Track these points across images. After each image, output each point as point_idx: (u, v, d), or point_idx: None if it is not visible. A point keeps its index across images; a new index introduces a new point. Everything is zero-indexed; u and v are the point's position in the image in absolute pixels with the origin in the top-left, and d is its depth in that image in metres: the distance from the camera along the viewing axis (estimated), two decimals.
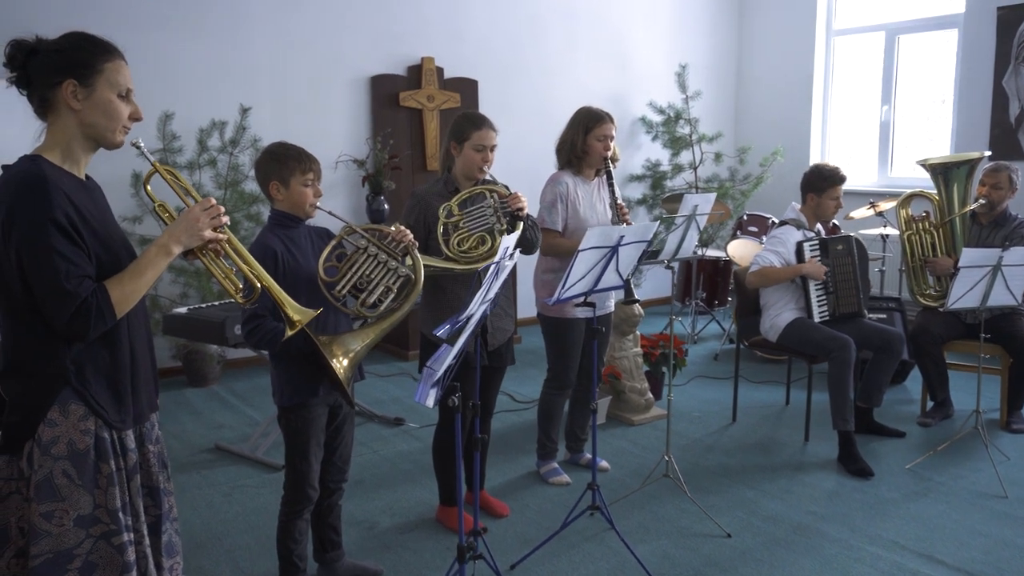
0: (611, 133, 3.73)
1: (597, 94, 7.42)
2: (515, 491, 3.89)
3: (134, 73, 1.94)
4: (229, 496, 3.85)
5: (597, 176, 3.87)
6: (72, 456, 1.82)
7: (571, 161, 3.79)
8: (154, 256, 1.88)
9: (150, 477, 2.00)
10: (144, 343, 2.01)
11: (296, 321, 2.17)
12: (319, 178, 2.74)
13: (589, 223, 3.72)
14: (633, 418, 4.77)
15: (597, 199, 3.83)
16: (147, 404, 2.00)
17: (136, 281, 1.84)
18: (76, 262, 1.76)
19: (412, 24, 6.48)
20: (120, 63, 1.89)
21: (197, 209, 1.92)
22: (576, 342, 3.81)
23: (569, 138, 3.77)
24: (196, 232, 1.90)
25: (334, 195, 6.24)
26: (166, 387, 5.46)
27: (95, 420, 1.85)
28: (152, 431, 2.03)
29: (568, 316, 3.70)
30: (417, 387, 2.07)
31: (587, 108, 3.79)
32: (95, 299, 1.76)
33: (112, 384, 1.88)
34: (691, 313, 6.75)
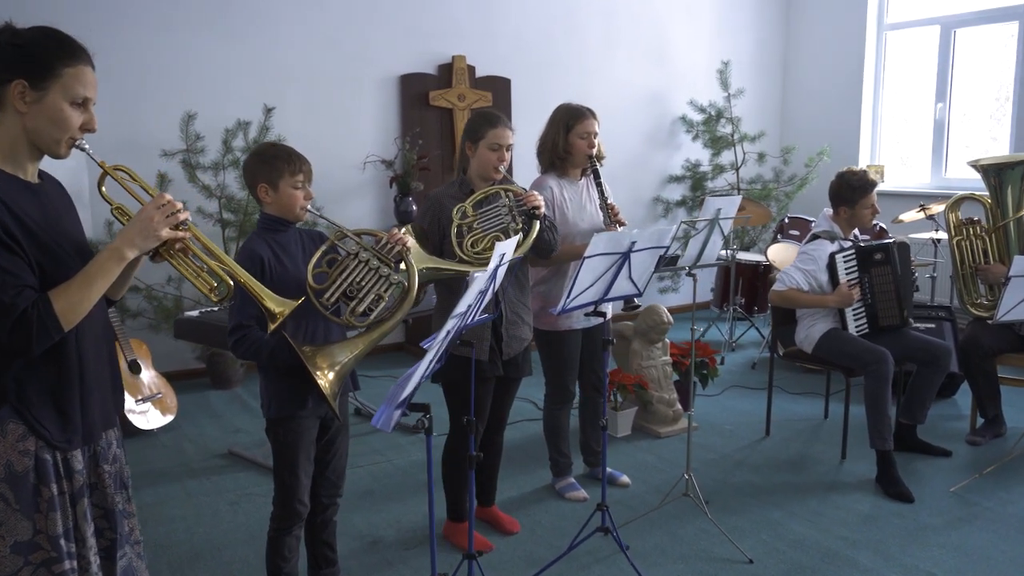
0: (594, 129, 3.53)
1: (635, 92, 7.23)
2: (528, 506, 3.73)
3: (158, 72, 1.81)
4: (235, 505, 3.76)
5: (584, 176, 3.67)
6: (9, 479, 1.69)
7: (554, 163, 3.60)
8: (105, 261, 1.72)
9: (105, 499, 1.86)
10: (100, 355, 1.87)
11: (277, 313, 2.03)
12: (310, 179, 2.62)
13: (579, 227, 3.54)
14: (660, 430, 4.56)
15: (587, 200, 3.63)
16: (100, 421, 1.86)
17: (85, 290, 1.69)
18: (12, 271, 1.63)
19: (443, 21, 6.36)
20: (83, 69, 1.74)
21: (150, 208, 1.76)
22: (572, 355, 3.64)
23: (550, 138, 3.58)
24: (151, 233, 1.74)
25: (361, 196, 6.16)
26: (189, 389, 5.42)
27: (36, 440, 1.72)
28: (109, 450, 1.89)
29: (562, 328, 3.54)
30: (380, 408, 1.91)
31: (566, 105, 3.60)
32: (36, 311, 1.62)
33: (57, 402, 1.74)
34: (729, 319, 6.49)
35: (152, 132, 5.23)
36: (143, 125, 5.25)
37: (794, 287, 4.06)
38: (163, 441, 4.58)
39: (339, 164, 5.97)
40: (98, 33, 5.13)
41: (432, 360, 1.97)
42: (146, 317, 5.44)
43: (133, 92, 5.25)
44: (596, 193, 3.55)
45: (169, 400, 4.78)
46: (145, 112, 5.28)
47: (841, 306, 4.02)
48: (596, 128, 3.53)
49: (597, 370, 3.78)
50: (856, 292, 4.00)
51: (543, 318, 3.53)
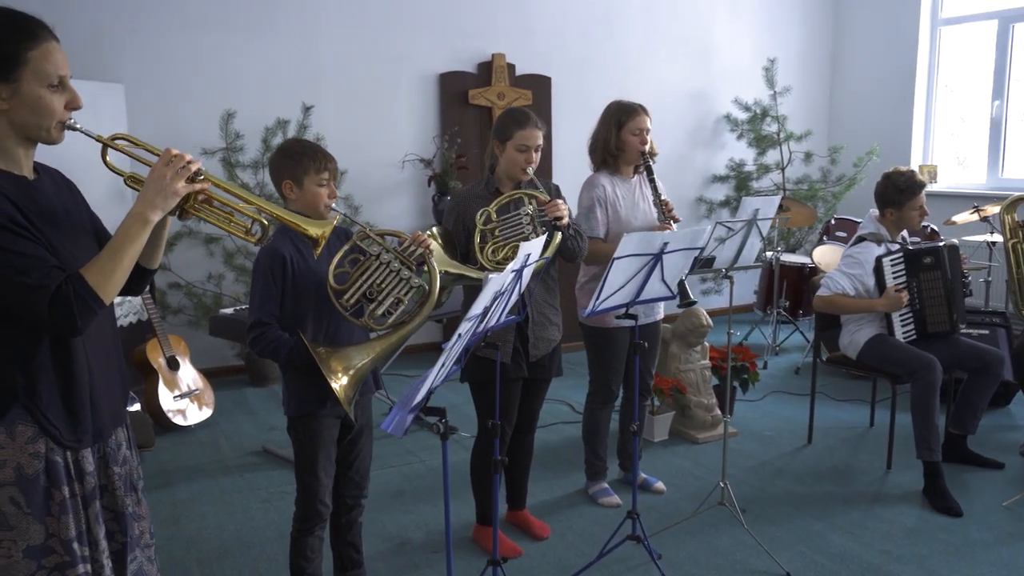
0: (646, 126, 3.46)
1: (677, 90, 7.10)
2: (560, 511, 3.66)
3: (196, 72, 1.76)
4: (266, 503, 3.76)
5: (636, 173, 3.59)
6: (20, 482, 1.65)
7: (606, 160, 3.53)
8: (129, 228, 1.66)
9: (115, 501, 1.83)
10: (108, 352, 1.84)
11: (317, 236, 1.99)
12: (335, 177, 2.59)
13: (633, 225, 3.46)
14: (698, 436, 4.45)
15: (639, 198, 3.56)
16: (110, 419, 1.82)
17: (116, 260, 1.64)
18: (34, 255, 1.58)
19: (482, 19, 6.31)
20: (48, 47, 1.64)
21: (160, 166, 1.70)
22: (618, 354, 3.56)
23: (602, 136, 3.52)
24: (169, 190, 1.68)
25: (399, 195, 6.14)
26: (228, 386, 5.46)
27: (46, 442, 1.67)
28: (118, 451, 1.86)
29: (610, 326, 3.46)
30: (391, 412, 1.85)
31: (618, 102, 3.54)
32: (70, 287, 1.58)
33: (67, 400, 1.70)
34: (772, 323, 6.33)
35: (192, 131, 5.28)
36: (184, 124, 5.31)
37: (839, 292, 3.93)
38: (200, 437, 4.61)
39: (377, 163, 5.96)
40: (140, 33, 5.21)
41: (444, 365, 1.91)
42: (186, 314, 5.49)
43: (174, 91, 5.31)
44: (649, 190, 3.48)
45: (206, 396, 4.82)
46: (185, 111, 5.33)
47: (889, 311, 3.87)
48: (648, 124, 3.46)
49: (642, 371, 3.70)
50: (904, 297, 3.85)
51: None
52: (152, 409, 4.52)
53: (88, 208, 1.86)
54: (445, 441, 1.95)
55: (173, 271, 5.41)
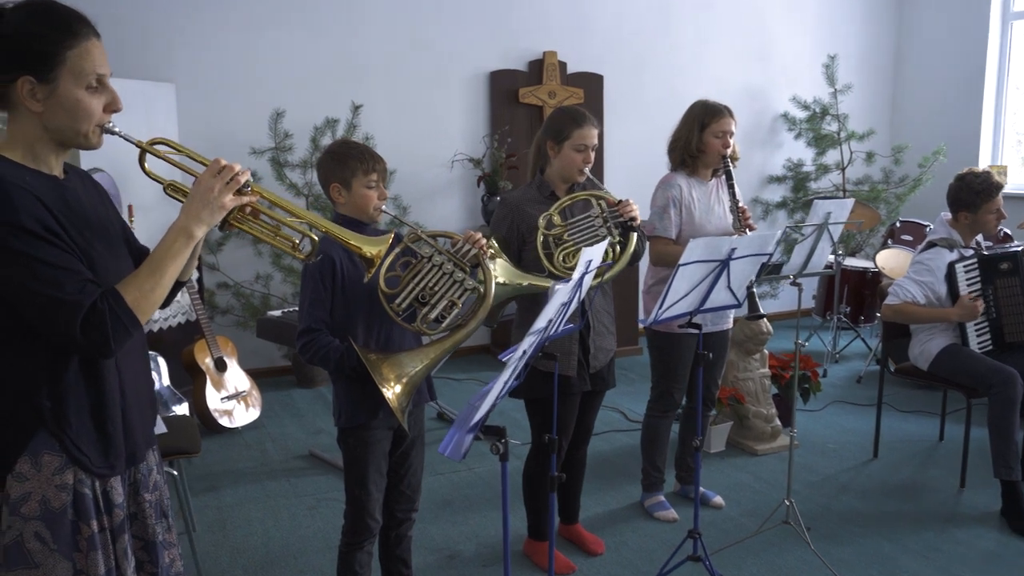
0: (730, 128, 3.31)
1: (734, 89, 6.88)
2: (614, 524, 3.53)
3: (246, 71, 1.65)
4: (313, 510, 3.69)
5: (714, 177, 3.44)
6: (46, 516, 1.53)
7: (685, 161, 3.39)
8: (172, 243, 1.55)
9: (145, 530, 1.71)
10: (139, 367, 1.71)
11: (373, 256, 1.87)
12: (384, 179, 2.49)
13: (706, 229, 3.32)
14: (757, 447, 4.27)
15: (715, 202, 3.41)
16: (143, 441, 1.70)
17: (156, 276, 1.53)
18: (68, 267, 1.46)
19: (534, 17, 6.19)
20: (87, 44, 1.51)
21: (207, 177, 1.57)
22: (684, 361, 3.42)
23: (683, 135, 3.38)
24: (215, 204, 1.56)
25: (449, 195, 6.06)
26: (275, 387, 5.42)
27: (73, 472, 1.55)
28: (149, 477, 1.73)
29: (676, 331, 3.31)
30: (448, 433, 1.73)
31: (703, 102, 3.39)
32: (106, 305, 1.47)
33: (99, 423, 1.58)
34: (833, 329, 6.10)
35: (241, 130, 5.25)
36: (233, 123, 5.28)
37: (909, 300, 3.73)
38: (246, 439, 4.56)
39: (427, 163, 5.88)
40: (192, 32, 5.19)
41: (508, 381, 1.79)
42: (234, 314, 5.47)
43: (224, 90, 5.28)
44: (726, 195, 3.33)
45: (253, 398, 4.78)
46: (235, 110, 5.31)
47: (964, 320, 3.66)
48: (733, 127, 3.32)
49: (707, 380, 3.55)
50: (980, 305, 3.63)
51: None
52: (199, 410, 4.48)
53: (118, 213, 1.75)
54: (504, 463, 1.82)
55: (222, 271, 5.39)
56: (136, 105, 4.40)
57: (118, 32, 4.59)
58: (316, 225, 1.77)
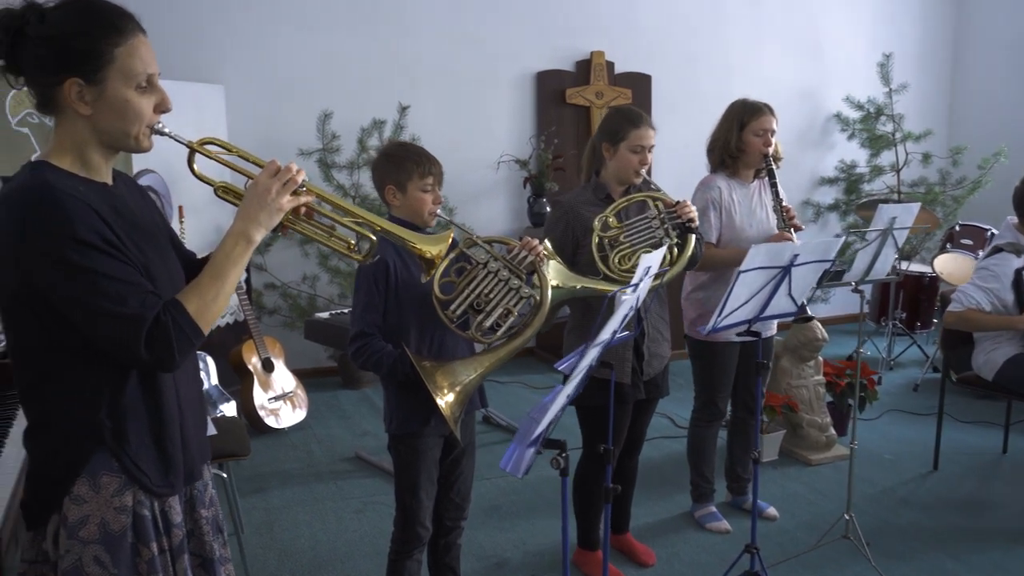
0: (771, 126, 3.21)
1: (785, 88, 6.73)
2: (665, 534, 3.45)
3: (295, 72, 1.59)
4: (360, 513, 3.67)
5: (756, 178, 3.35)
6: (105, 540, 1.47)
7: (725, 162, 3.30)
8: (231, 249, 1.49)
9: (203, 547, 1.66)
10: (192, 381, 1.67)
11: (433, 256, 1.83)
12: (440, 182, 2.45)
13: (747, 232, 3.23)
14: (811, 457, 4.16)
15: (757, 204, 3.31)
16: (199, 456, 1.66)
17: (217, 284, 1.47)
18: (128, 279, 1.41)
19: (582, 16, 6.12)
20: (135, 41, 1.44)
21: (264, 178, 1.51)
22: (728, 369, 3.34)
23: (722, 135, 3.29)
24: (274, 206, 1.50)
25: (495, 196, 6.02)
26: (321, 387, 5.43)
27: (133, 493, 1.50)
28: (205, 492, 1.69)
29: (719, 339, 3.23)
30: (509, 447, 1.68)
31: (742, 100, 3.31)
32: (169, 317, 1.41)
33: (158, 440, 1.53)
34: (887, 335, 5.93)
35: (290, 131, 5.26)
36: (281, 124, 5.30)
37: (974, 307, 3.59)
38: (292, 440, 4.57)
39: (473, 164, 5.84)
40: (239, 34, 5.22)
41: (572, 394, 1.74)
42: (281, 314, 5.49)
43: (272, 91, 5.31)
44: (768, 197, 3.24)
45: (300, 399, 4.78)
46: (283, 111, 5.32)
47: None
48: (774, 125, 3.22)
49: (752, 389, 3.46)
50: None
51: (699, 326, 3.25)
52: (247, 410, 4.50)
53: (164, 217, 1.71)
54: (565, 478, 1.77)
55: (269, 272, 5.42)
56: (186, 107, 4.41)
57: (167, 34, 4.62)
58: (373, 225, 1.72)
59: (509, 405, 4.97)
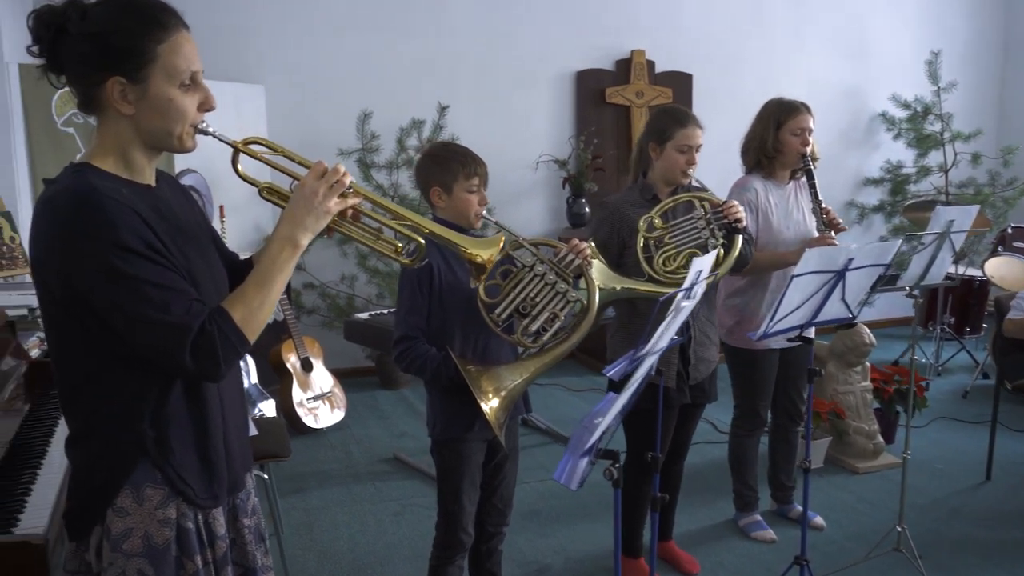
0: (808, 125, 3.13)
1: (829, 87, 6.61)
2: (708, 542, 3.38)
3: (334, 72, 1.53)
4: (399, 516, 3.65)
5: (792, 179, 3.26)
6: (149, 553, 1.43)
7: (761, 162, 3.22)
8: (278, 255, 1.44)
9: (245, 556, 1.62)
10: (235, 389, 1.62)
11: (484, 261, 1.78)
12: (485, 183, 2.42)
13: (784, 235, 3.16)
14: (858, 465, 4.06)
15: (793, 206, 3.23)
16: (241, 466, 1.61)
17: (264, 291, 1.42)
18: (173, 286, 1.36)
19: (622, 15, 6.06)
20: (178, 38, 1.39)
21: (310, 180, 1.46)
22: (769, 376, 3.27)
23: (758, 135, 3.21)
24: (321, 210, 1.45)
25: (533, 196, 5.98)
26: (358, 387, 5.42)
27: (177, 505, 1.46)
28: (247, 501, 1.65)
29: (759, 347, 3.16)
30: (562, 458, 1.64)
31: (778, 99, 3.23)
32: (214, 326, 1.37)
33: (202, 451, 1.49)
34: (935, 340, 5.79)
35: (330, 131, 5.27)
36: (321, 124, 5.31)
37: None
38: (331, 440, 4.57)
39: (511, 164, 5.80)
40: (279, 34, 5.24)
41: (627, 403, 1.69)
42: (319, 314, 5.50)
43: (312, 92, 5.32)
44: (806, 198, 3.17)
45: (338, 399, 4.78)
46: (323, 111, 5.33)
47: None
48: (811, 124, 3.14)
49: (793, 396, 3.39)
50: None
51: (737, 334, 3.18)
52: (286, 410, 4.51)
53: (206, 217, 1.66)
54: (618, 489, 1.72)
55: (308, 271, 5.42)
56: (227, 107, 4.44)
57: (209, 34, 4.60)
58: (421, 227, 1.66)
59: (548, 408, 4.92)
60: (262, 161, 1.54)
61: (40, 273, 1.39)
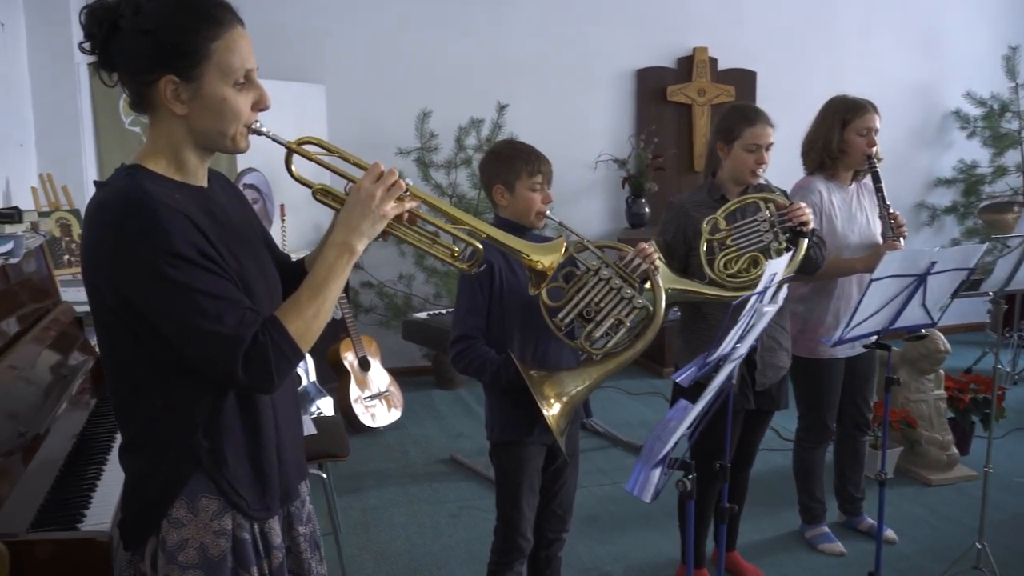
0: (875, 125, 3.01)
1: (898, 84, 6.39)
2: (774, 554, 3.28)
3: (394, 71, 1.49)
4: (456, 517, 3.62)
5: (855, 180, 3.14)
6: (205, 565, 1.40)
7: (824, 163, 3.10)
8: (334, 262, 1.39)
9: (300, 565, 1.58)
10: (289, 397, 1.58)
11: (546, 269, 1.74)
12: (549, 181, 2.37)
13: (848, 239, 3.04)
14: (930, 477, 3.90)
15: (857, 209, 3.11)
16: (295, 475, 1.58)
17: (318, 301, 1.37)
18: (226, 295, 1.32)
19: (684, 12, 5.95)
20: (233, 34, 1.34)
21: (366, 183, 1.41)
22: (835, 386, 3.16)
23: (821, 135, 3.09)
24: (377, 214, 1.40)
25: (592, 197, 5.91)
26: (415, 387, 5.41)
27: (232, 516, 1.42)
28: (302, 509, 1.61)
29: (823, 356, 3.05)
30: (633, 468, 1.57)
31: (842, 97, 3.11)
32: (268, 337, 1.32)
33: (255, 462, 1.45)
34: (1012, 347, 5.54)
35: (389, 130, 5.27)
36: (381, 124, 5.32)
37: None
38: (388, 440, 4.56)
39: (570, 163, 5.72)
40: (339, 34, 5.26)
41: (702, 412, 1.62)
42: (377, 313, 5.51)
43: (372, 91, 5.34)
44: (868, 200, 3.06)
45: (395, 398, 4.78)
46: (383, 111, 5.35)
47: None
48: (877, 124, 3.02)
49: (860, 404, 3.27)
50: None
51: (800, 343, 3.07)
52: (343, 408, 4.52)
53: (258, 217, 1.63)
54: (690, 501, 1.65)
55: (366, 270, 5.44)
56: (287, 107, 4.47)
57: (270, 34, 4.67)
58: (479, 231, 1.61)
59: (607, 412, 4.85)
60: (316, 162, 1.50)
61: (91, 278, 1.36)
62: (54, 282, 2.84)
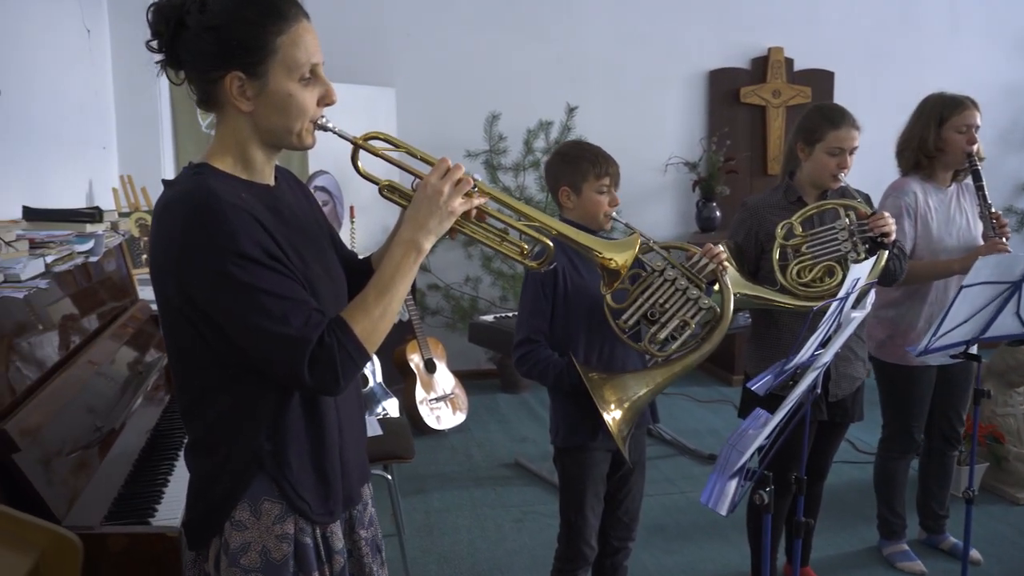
0: (975, 122, 2.86)
1: (986, 84, 6.05)
2: (848, 570, 3.16)
3: (463, 74, 1.46)
4: (520, 522, 3.59)
5: (954, 181, 2.98)
6: (267, 569, 1.39)
7: (920, 163, 2.95)
8: (401, 261, 1.37)
9: (361, 568, 1.56)
10: (353, 400, 1.55)
11: (620, 267, 1.70)
12: (616, 183, 2.33)
13: (945, 243, 2.90)
14: (1018, 495, 3.70)
15: (955, 210, 2.96)
16: (358, 479, 1.55)
17: (385, 301, 1.35)
18: (292, 296, 1.30)
19: (759, 11, 5.81)
20: (299, 28, 1.32)
21: (434, 179, 1.38)
22: (923, 396, 3.01)
23: (916, 134, 2.95)
24: (445, 211, 1.38)
25: (662, 200, 5.82)
26: (480, 390, 5.41)
27: (294, 520, 1.41)
28: (364, 512, 1.58)
29: (913, 363, 2.90)
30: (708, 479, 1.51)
31: (939, 94, 2.96)
32: (334, 338, 1.30)
33: (318, 466, 1.43)
34: None
35: (458, 133, 5.29)
36: (450, 126, 5.34)
37: None
38: (452, 443, 4.56)
39: (640, 166, 5.65)
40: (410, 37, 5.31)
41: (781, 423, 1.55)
42: (443, 316, 5.52)
43: (441, 93, 5.36)
44: (969, 202, 2.91)
45: (460, 401, 4.78)
46: (452, 113, 5.36)
47: None
48: (978, 120, 2.88)
49: (952, 417, 3.11)
50: None
51: (889, 348, 2.95)
52: (409, 409, 4.53)
53: (324, 215, 1.61)
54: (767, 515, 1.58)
55: (432, 272, 5.46)
56: (357, 109, 4.53)
57: (340, 37, 4.75)
58: (550, 228, 1.58)
59: (674, 419, 4.76)
60: (382, 158, 1.48)
61: (158, 278, 1.36)
62: (132, 280, 2.92)
